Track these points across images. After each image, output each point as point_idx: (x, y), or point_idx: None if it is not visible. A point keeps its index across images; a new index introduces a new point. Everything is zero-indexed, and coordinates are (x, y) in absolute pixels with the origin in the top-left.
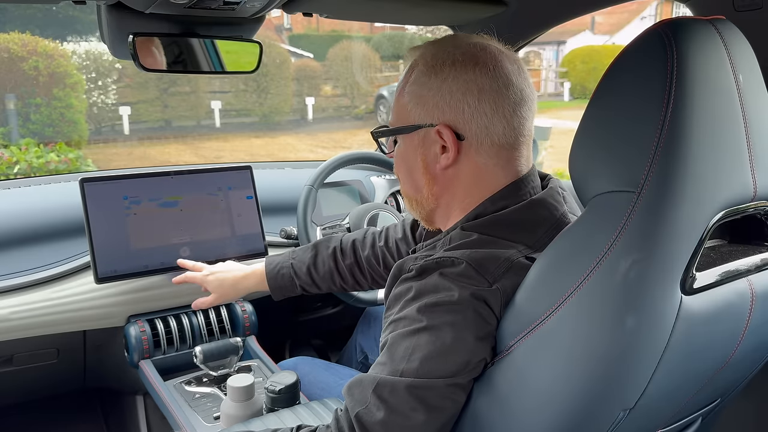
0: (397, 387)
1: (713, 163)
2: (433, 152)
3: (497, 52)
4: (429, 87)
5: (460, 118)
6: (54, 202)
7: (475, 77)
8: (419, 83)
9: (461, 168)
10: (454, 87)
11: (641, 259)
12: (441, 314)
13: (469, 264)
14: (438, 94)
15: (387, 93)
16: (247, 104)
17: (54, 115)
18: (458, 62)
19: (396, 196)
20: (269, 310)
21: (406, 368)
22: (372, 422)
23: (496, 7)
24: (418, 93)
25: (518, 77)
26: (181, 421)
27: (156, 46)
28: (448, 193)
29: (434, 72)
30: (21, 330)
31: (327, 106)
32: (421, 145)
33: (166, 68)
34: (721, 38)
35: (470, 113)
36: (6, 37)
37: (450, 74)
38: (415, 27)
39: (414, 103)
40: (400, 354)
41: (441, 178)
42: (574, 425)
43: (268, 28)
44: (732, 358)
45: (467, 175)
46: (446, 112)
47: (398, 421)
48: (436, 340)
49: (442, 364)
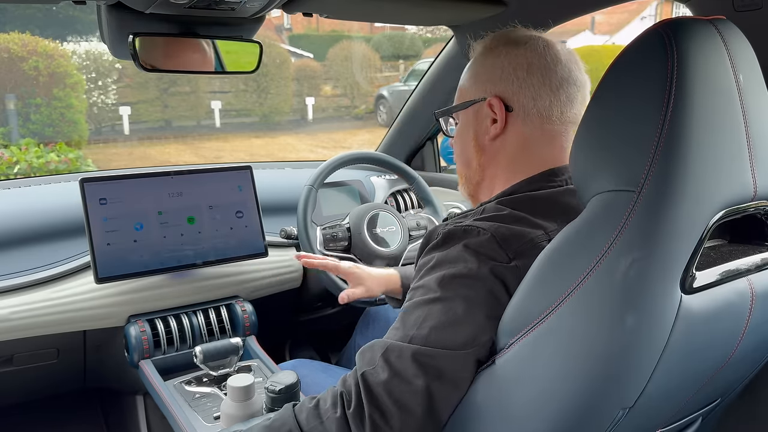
0: (404, 352)
1: (713, 163)
2: (485, 125)
3: (552, 41)
4: (484, 65)
5: (509, 90)
6: (54, 202)
7: (525, 52)
8: (477, 63)
9: (508, 139)
10: (505, 62)
11: (641, 258)
12: (456, 287)
13: (493, 236)
14: (491, 70)
15: (387, 93)
16: (247, 104)
17: (54, 115)
18: (511, 42)
19: (396, 196)
20: (269, 310)
21: (416, 335)
22: (376, 382)
23: (496, 7)
24: (474, 71)
25: (569, 61)
26: (181, 421)
27: (156, 46)
28: (494, 164)
29: (490, 52)
30: (21, 330)
31: (327, 106)
32: (474, 120)
33: (166, 68)
34: (722, 38)
35: (518, 85)
36: (6, 37)
37: (503, 51)
38: (415, 27)
39: (470, 82)
40: (411, 321)
41: (489, 148)
42: (574, 423)
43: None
44: (732, 358)
45: (513, 146)
46: (497, 85)
47: (400, 385)
48: (448, 311)
49: (451, 335)
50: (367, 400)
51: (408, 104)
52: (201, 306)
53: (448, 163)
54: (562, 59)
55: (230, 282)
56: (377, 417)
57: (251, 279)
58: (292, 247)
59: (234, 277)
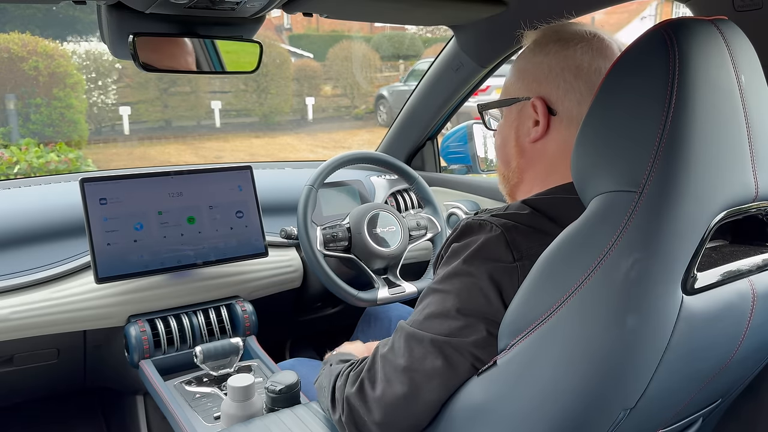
0: (403, 332)
1: (715, 164)
2: (526, 126)
3: (608, 38)
4: (532, 62)
5: (554, 93)
6: (54, 202)
7: (575, 54)
8: (525, 59)
9: (549, 143)
10: (554, 62)
11: (642, 259)
12: (453, 283)
13: (503, 234)
14: (538, 69)
15: (387, 93)
16: (247, 104)
17: (54, 115)
18: (563, 39)
19: (396, 196)
20: (269, 310)
21: (415, 319)
22: (381, 354)
23: (496, 7)
24: (521, 68)
25: None
26: (181, 421)
27: (156, 46)
28: (533, 168)
29: (539, 47)
30: (21, 330)
31: (327, 106)
32: (516, 118)
33: (167, 68)
34: (723, 38)
35: (565, 89)
36: (6, 37)
37: (552, 49)
38: (415, 27)
39: (517, 77)
40: (419, 308)
41: (529, 151)
42: (575, 424)
43: (268, 28)
44: (733, 359)
45: (553, 151)
46: (543, 86)
47: (390, 359)
48: (441, 303)
49: (438, 324)
50: (368, 367)
51: (408, 104)
52: (201, 306)
53: (448, 163)
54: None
55: (230, 282)
56: (366, 382)
57: (251, 279)
58: (292, 247)
59: (234, 277)
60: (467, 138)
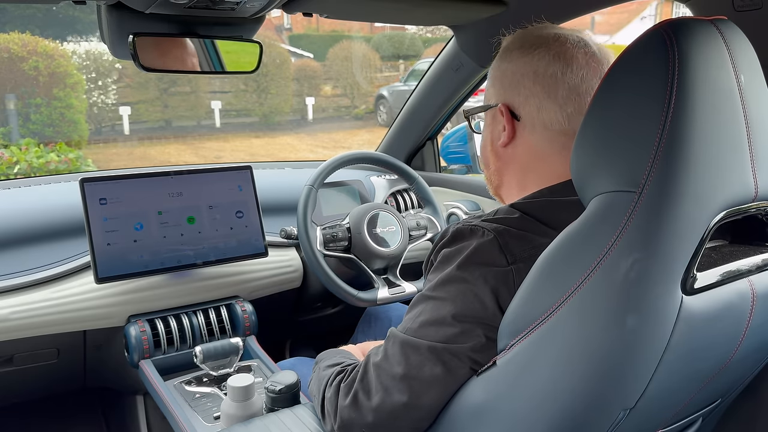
0: (396, 340)
1: (714, 163)
2: (498, 130)
3: (572, 43)
4: (500, 69)
5: (516, 99)
6: (54, 202)
7: (532, 60)
8: (495, 66)
9: (517, 148)
10: (515, 68)
11: (642, 259)
12: (448, 290)
13: (496, 239)
14: (504, 75)
15: (387, 93)
16: (247, 104)
17: (54, 115)
18: (524, 46)
19: (396, 196)
20: (269, 310)
21: (409, 327)
22: (373, 363)
23: (496, 7)
24: (492, 74)
25: (585, 69)
26: (181, 421)
27: (156, 46)
28: (508, 171)
29: (506, 54)
30: (21, 330)
31: (327, 106)
32: (491, 123)
33: (167, 68)
34: (723, 38)
35: (525, 95)
36: (6, 37)
37: (515, 56)
38: (415, 27)
39: (489, 83)
40: (411, 315)
41: (502, 155)
42: (575, 424)
43: (268, 28)
44: (733, 359)
45: (523, 155)
46: (508, 92)
47: (385, 367)
48: (436, 310)
49: (434, 331)
50: (360, 377)
51: (408, 104)
52: (201, 306)
53: (448, 163)
54: (574, 69)
55: (230, 282)
56: (360, 393)
57: (251, 279)
58: (292, 247)
59: (234, 277)
60: (467, 138)
